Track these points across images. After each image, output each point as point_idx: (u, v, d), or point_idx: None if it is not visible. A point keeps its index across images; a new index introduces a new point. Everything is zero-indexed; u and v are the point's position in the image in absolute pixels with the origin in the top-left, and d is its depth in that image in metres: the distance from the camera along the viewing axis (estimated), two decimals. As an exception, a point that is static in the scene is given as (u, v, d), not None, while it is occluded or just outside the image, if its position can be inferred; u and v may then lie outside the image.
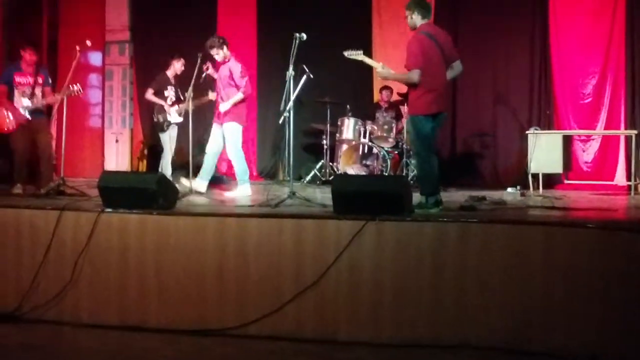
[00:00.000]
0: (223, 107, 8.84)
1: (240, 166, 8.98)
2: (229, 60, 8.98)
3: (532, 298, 5.70)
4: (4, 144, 9.10)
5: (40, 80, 8.87)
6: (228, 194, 8.91)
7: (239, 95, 8.84)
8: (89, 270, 6.61)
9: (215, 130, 9.01)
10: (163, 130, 10.18)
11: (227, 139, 8.90)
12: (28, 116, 8.71)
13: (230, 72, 8.87)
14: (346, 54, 7.55)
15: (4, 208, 7.07)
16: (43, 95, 8.87)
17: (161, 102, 10.18)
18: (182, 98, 10.09)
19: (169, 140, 10.20)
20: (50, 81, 9.03)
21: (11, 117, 8.69)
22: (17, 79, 8.82)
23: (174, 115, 10.12)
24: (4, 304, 6.77)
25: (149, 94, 10.39)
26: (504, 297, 5.76)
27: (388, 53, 11.41)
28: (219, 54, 8.91)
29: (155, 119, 10.31)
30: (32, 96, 8.78)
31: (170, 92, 10.28)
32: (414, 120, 6.93)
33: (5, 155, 9.46)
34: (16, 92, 8.78)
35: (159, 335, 6.24)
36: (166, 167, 10.14)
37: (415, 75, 6.76)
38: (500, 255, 5.78)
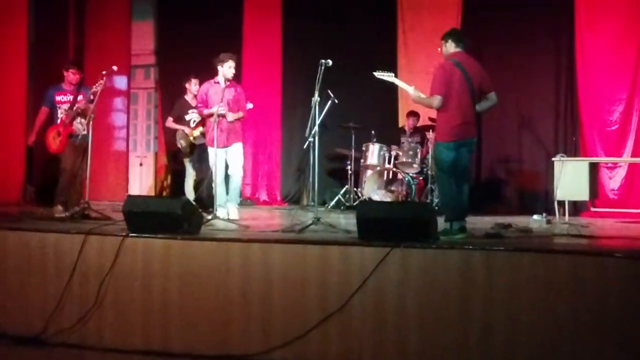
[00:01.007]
0: (232, 117, 8.74)
1: (239, 187, 9.09)
2: (235, 84, 9.03)
3: (560, 327, 5.61)
4: (50, 164, 9.23)
5: (80, 98, 8.94)
6: (234, 217, 8.59)
7: (240, 114, 8.89)
8: (113, 294, 6.62)
9: (220, 154, 8.68)
10: (187, 155, 10.19)
11: (237, 159, 8.85)
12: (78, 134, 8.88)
13: (238, 94, 8.93)
14: (377, 74, 7.55)
15: (30, 232, 7.10)
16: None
17: (182, 127, 10.21)
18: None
19: (192, 164, 10.18)
20: (93, 98, 8.94)
21: (57, 138, 8.82)
22: (58, 97, 8.99)
23: (198, 138, 10.11)
24: (29, 327, 6.78)
25: (169, 122, 10.50)
26: (531, 326, 5.67)
27: (414, 78, 11.33)
28: (234, 69, 8.90)
29: (178, 145, 10.34)
30: (75, 113, 8.90)
31: (192, 115, 10.30)
32: (437, 146, 7.07)
33: (47, 175, 9.56)
34: (58, 111, 8.97)
35: (182, 360, 6.22)
36: (189, 191, 10.13)
37: (435, 101, 6.87)
38: (526, 283, 5.71)
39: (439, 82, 6.90)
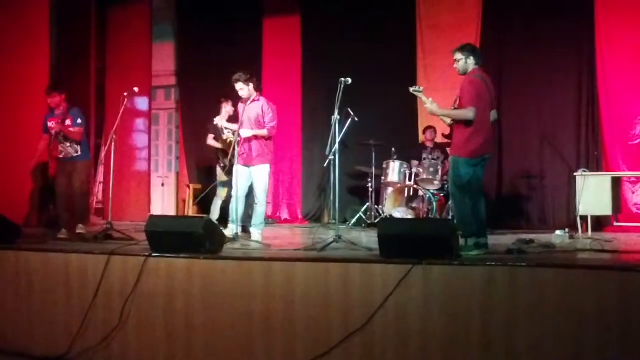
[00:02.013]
0: (246, 133, 8.45)
1: (264, 209, 8.62)
2: (258, 100, 8.68)
3: (585, 342, 5.56)
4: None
5: (68, 122, 8.95)
6: (258, 239, 8.39)
7: (264, 132, 8.54)
8: (137, 314, 6.66)
9: (242, 171, 8.58)
10: (230, 174, 10.22)
11: (260, 183, 8.49)
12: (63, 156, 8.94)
13: (262, 112, 8.58)
14: (411, 89, 7.52)
15: (54, 253, 7.17)
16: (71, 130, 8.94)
17: (219, 145, 10.28)
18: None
19: (224, 185, 10.21)
20: (79, 121, 9.00)
21: (49, 163, 8.92)
22: (49, 124, 9.04)
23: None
24: (54, 347, 6.85)
25: (210, 140, 10.57)
26: (556, 341, 5.64)
27: (432, 96, 11.36)
28: (243, 89, 8.58)
29: (222, 164, 10.39)
30: (56, 137, 8.94)
31: (229, 135, 10.35)
32: (455, 161, 7.00)
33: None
34: (53, 137, 8.99)
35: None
36: (216, 211, 10.17)
37: (471, 112, 6.84)
38: (550, 299, 5.67)
39: (473, 95, 6.88)
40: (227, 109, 10.45)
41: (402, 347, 5.94)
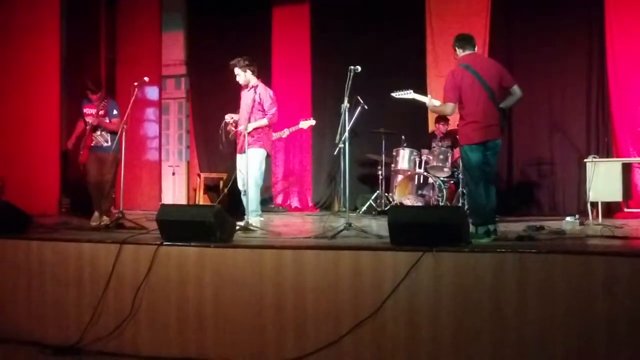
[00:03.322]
0: (244, 127, 8.35)
1: (254, 195, 8.56)
2: (256, 87, 8.66)
3: (595, 329, 5.57)
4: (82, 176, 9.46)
5: (101, 112, 9.11)
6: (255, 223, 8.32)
7: (264, 121, 8.55)
8: (149, 302, 6.68)
9: (240, 161, 8.66)
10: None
11: (250, 166, 8.40)
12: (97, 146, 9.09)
13: (260, 100, 8.53)
14: (395, 94, 7.62)
15: (65, 242, 7.20)
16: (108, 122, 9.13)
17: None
18: None
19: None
20: (115, 112, 9.22)
21: (82, 151, 9.04)
22: (85, 110, 9.19)
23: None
24: (65, 336, 6.88)
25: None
26: (566, 328, 5.64)
27: (442, 82, 11.34)
28: (239, 75, 8.65)
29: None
30: (93, 129, 9.11)
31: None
32: (462, 149, 7.13)
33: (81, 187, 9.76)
34: (87, 124, 9.17)
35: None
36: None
37: (447, 108, 7.09)
38: (560, 286, 5.67)
39: (448, 89, 7.05)
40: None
41: (412, 334, 5.95)
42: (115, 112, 9.22)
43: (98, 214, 9.09)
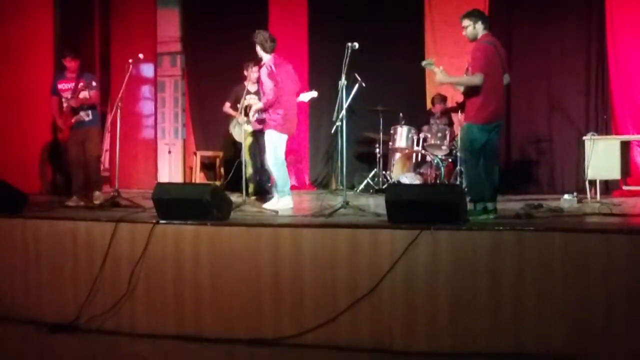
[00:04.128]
0: (253, 117, 8.35)
1: (279, 176, 8.50)
2: (261, 66, 8.53)
3: (592, 306, 5.57)
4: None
5: (81, 85, 8.80)
6: (267, 206, 8.27)
7: (259, 105, 8.50)
8: (145, 281, 6.67)
9: (261, 139, 8.66)
10: (240, 141, 10.25)
11: (265, 147, 8.46)
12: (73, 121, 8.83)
13: (264, 78, 8.37)
14: (423, 63, 7.48)
15: (61, 220, 7.17)
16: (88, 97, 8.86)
17: (234, 113, 10.26)
18: None
19: (248, 150, 10.19)
20: (94, 84, 8.88)
21: (61, 129, 8.83)
22: (59, 86, 8.91)
23: (253, 124, 10.18)
24: (62, 315, 6.87)
25: (225, 107, 10.58)
26: (563, 305, 5.64)
27: (442, 62, 11.23)
28: (258, 50, 8.48)
29: (231, 131, 10.45)
30: (74, 111, 8.83)
31: (250, 100, 10.34)
32: (470, 128, 6.99)
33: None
34: (63, 100, 8.90)
35: (215, 345, 6.27)
36: (250, 178, 10.12)
37: (478, 78, 6.81)
38: (558, 263, 5.67)
39: (482, 62, 6.84)
40: (253, 75, 10.24)
41: (409, 312, 5.95)
42: (94, 83, 8.87)
43: (77, 197, 8.77)
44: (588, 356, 5.55)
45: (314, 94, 9.40)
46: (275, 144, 8.40)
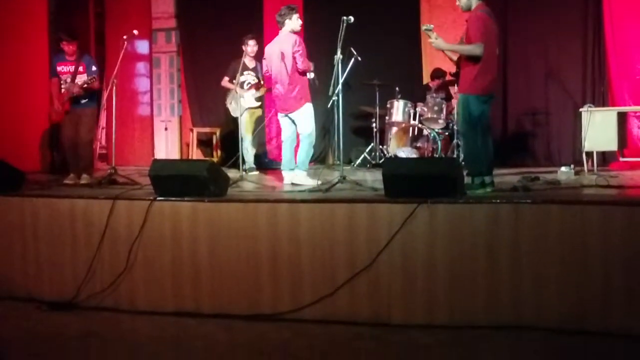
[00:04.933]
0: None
1: (310, 151, 8.52)
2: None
3: (589, 277, 5.60)
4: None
5: (81, 69, 8.72)
6: (300, 181, 8.15)
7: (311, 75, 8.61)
8: (143, 258, 6.68)
9: (281, 119, 8.64)
10: (236, 116, 10.26)
11: (304, 122, 8.51)
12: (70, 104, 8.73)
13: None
14: (423, 27, 7.40)
15: (59, 199, 7.17)
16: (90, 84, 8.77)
17: (233, 86, 10.24)
18: (262, 82, 10.22)
19: (245, 124, 10.13)
20: (94, 69, 8.78)
21: (57, 110, 8.77)
22: (59, 68, 8.84)
23: (248, 100, 10.17)
24: (61, 292, 6.89)
25: (224, 81, 10.59)
26: (560, 277, 5.67)
27: (437, 33, 11.19)
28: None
29: (227, 104, 10.47)
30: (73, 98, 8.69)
31: (247, 77, 10.34)
32: (466, 99, 6.89)
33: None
34: (61, 82, 8.82)
35: (214, 321, 6.30)
36: (245, 152, 10.01)
37: (479, 48, 6.72)
38: (555, 235, 5.69)
39: (481, 32, 6.75)
40: (247, 50, 10.16)
41: (407, 285, 5.98)
42: (94, 68, 8.78)
43: (74, 175, 8.68)
44: (585, 328, 5.58)
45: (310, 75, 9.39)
46: (312, 116, 8.49)
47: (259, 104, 10.47)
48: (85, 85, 8.55)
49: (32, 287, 7.14)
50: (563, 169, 9.25)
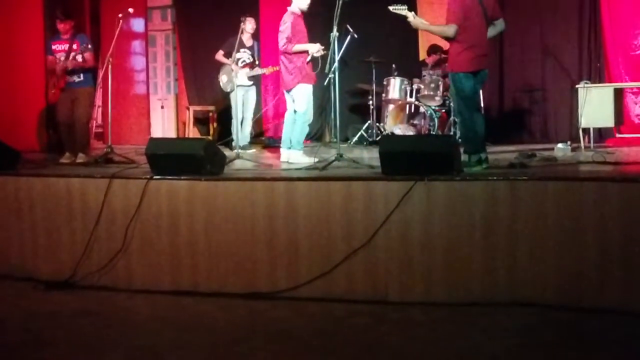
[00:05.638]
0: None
1: (304, 130, 8.60)
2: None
3: (586, 254, 5.62)
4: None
5: (75, 47, 8.66)
6: (296, 160, 8.22)
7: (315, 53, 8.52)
8: (140, 237, 6.68)
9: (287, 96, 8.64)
10: (227, 92, 10.24)
11: (301, 101, 8.47)
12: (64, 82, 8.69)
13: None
14: (392, 8, 7.38)
15: (55, 177, 7.16)
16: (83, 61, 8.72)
17: (227, 61, 10.20)
18: (257, 62, 10.20)
19: (237, 102, 10.07)
20: (89, 46, 8.73)
21: (52, 89, 8.73)
22: (54, 47, 8.79)
23: (241, 78, 10.14)
24: (58, 271, 6.89)
25: (219, 55, 10.59)
26: (557, 253, 5.68)
27: (434, 9, 11.18)
28: None
29: (219, 79, 10.44)
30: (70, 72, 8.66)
31: (243, 55, 10.32)
32: (454, 77, 6.95)
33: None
34: (57, 61, 8.77)
35: (211, 300, 6.30)
36: (238, 130, 9.93)
37: (450, 29, 6.78)
38: (551, 212, 5.70)
39: (453, 11, 6.80)
40: (245, 27, 10.16)
41: (405, 263, 5.99)
42: (88, 46, 8.75)
43: (70, 154, 8.69)
44: (582, 304, 5.60)
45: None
46: (311, 95, 8.49)
47: (251, 82, 10.44)
48: (78, 58, 8.51)
49: (28, 267, 7.15)
50: (560, 145, 9.22)
